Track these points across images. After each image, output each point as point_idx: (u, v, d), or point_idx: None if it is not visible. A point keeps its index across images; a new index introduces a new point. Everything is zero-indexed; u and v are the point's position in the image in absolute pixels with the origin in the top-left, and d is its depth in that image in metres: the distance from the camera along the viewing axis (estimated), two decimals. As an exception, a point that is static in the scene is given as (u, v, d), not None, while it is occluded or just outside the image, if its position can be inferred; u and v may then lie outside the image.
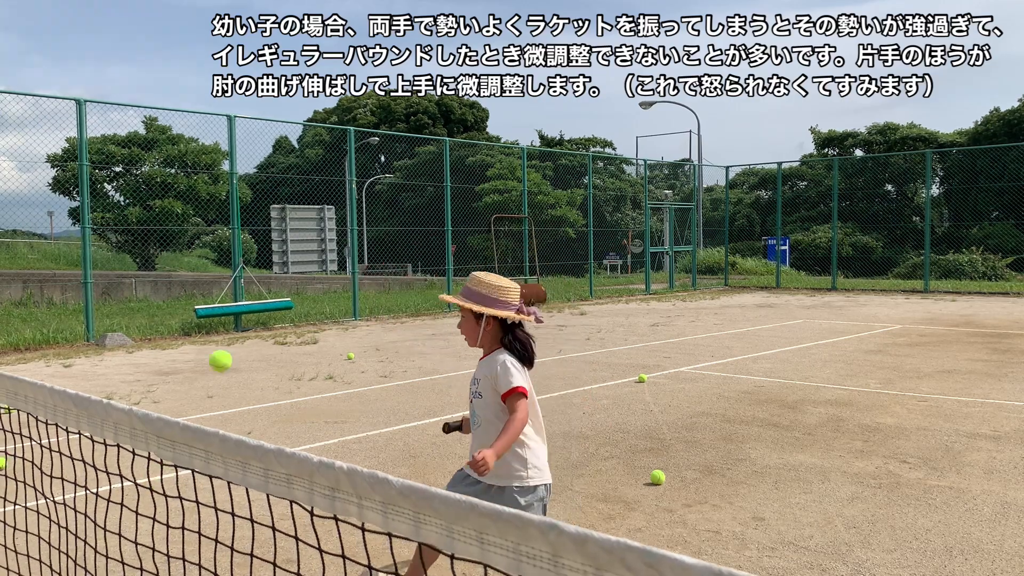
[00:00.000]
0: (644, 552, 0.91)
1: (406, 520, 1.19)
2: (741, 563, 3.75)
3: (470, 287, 3.26)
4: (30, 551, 2.66)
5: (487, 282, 3.25)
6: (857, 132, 40.01)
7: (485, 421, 3.20)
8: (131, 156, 27.14)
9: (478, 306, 3.21)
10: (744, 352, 10.61)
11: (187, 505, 4.01)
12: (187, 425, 1.55)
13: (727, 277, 27.15)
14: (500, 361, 3.19)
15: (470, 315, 3.26)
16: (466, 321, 3.28)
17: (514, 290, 3.26)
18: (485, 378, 3.20)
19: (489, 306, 3.22)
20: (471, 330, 3.27)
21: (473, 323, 3.26)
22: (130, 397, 8.07)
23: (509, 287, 3.26)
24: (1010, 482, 4.90)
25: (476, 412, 3.24)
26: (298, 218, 15.80)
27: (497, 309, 3.22)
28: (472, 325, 3.26)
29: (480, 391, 3.22)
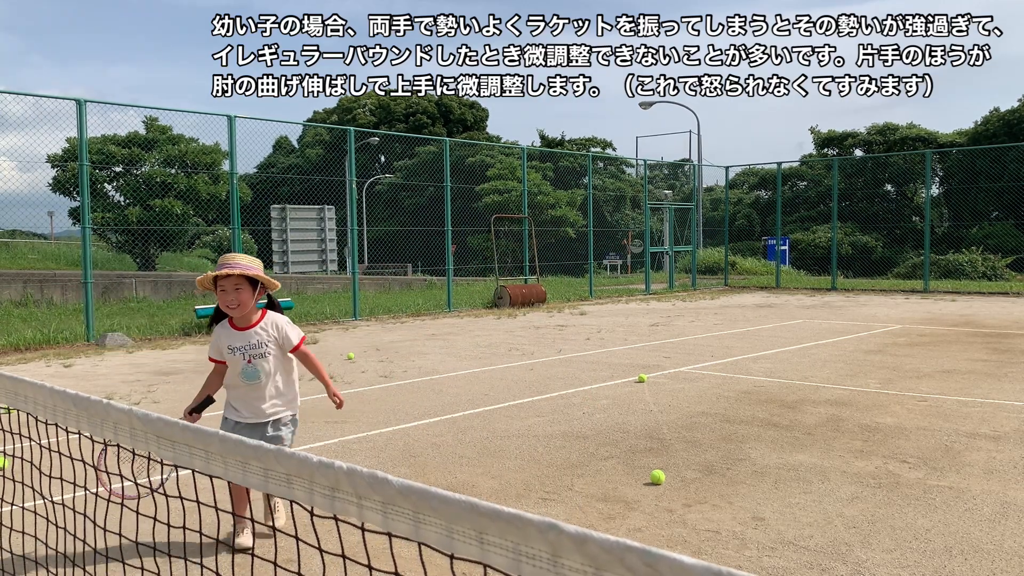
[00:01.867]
0: (643, 552, 0.91)
1: (406, 520, 1.19)
2: (741, 563, 3.75)
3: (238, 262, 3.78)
4: (27, 552, 2.66)
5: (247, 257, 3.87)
6: (857, 132, 40.02)
7: (269, 374, 3.90)
8: (131, 156, 27.14)
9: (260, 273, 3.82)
10: (744, 352, 10.61)
11: (187, 505, 4.01)
12: (187, 425, 1.56)
13: (727, 277, 27.15)
14: (283, 321, 3.98)
15: (247, 285, 3.81)
16: (244, 292, 3.80)
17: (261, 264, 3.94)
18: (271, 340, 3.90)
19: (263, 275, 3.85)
20: (248, 300, 3.82)
21: (250, 292, 3.82)
22: (130, 397, 8.07)
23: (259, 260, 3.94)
24: (1010, 482, 4.90)
25: (260, 369, 3.87)
26: (298, 218, 15.81)
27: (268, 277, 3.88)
28: (249, 294, 3.82)
29: (267, 352, 3.88)
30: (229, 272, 3.75)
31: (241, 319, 3.90)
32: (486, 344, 11.80)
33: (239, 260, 3.81)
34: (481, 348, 11.38)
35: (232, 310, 3.83)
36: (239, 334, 3.90)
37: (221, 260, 3.83)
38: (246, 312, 3.86)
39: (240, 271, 3.76)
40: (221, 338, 3.93)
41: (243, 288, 3.81)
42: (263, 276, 3.84)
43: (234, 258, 3.82)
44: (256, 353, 3.87)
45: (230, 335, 3.92)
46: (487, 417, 6.94)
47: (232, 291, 3.79)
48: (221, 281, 3.80)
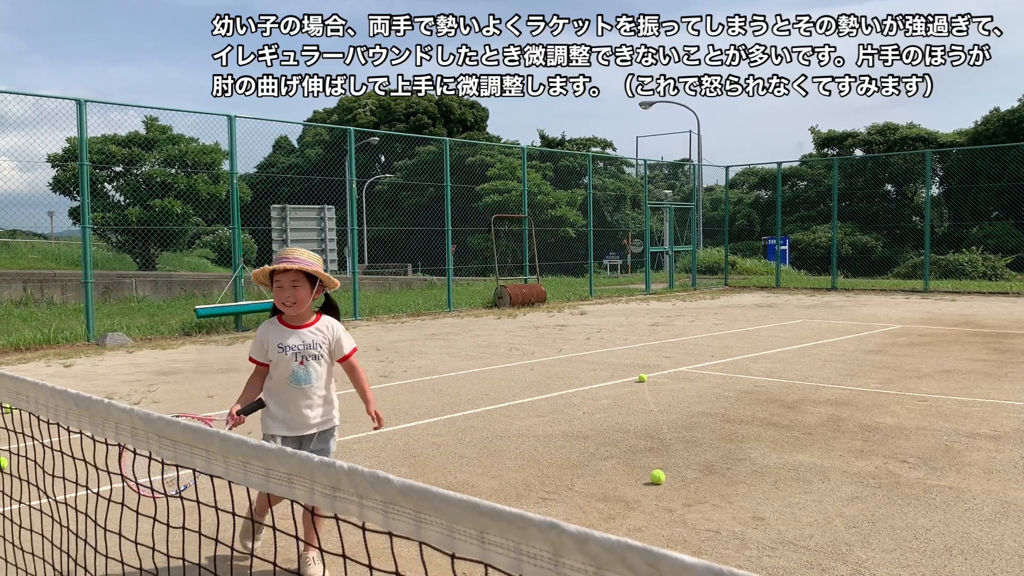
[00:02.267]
0: (645, 551, 0.92)
1: (407, 520, 1.19)
2: (741, 563, 3.75)
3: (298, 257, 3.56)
4: (34, 549, 2.67)
5: (307, 252, 3.63)
6: (857, 132, 40.02)
7: (320, 380, 3.64)
8: (131, 156, 27.15)
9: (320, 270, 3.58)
10: (744, 352, 10.61)
11: (188, 504, 4.01)
12: (188, 425, 1.56)
13: (727, 277, 27.15)
14: (340, 328, 3.74)
15: (306, 282, 3.57)
16: (302, 289, 3.56)
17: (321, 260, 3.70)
18: (326, 343, 3.65)
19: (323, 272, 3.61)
20: (306, 297, 3.58)
21: (308, 290, 3.58)
22: (130, 397, 8.07)
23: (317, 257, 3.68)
24: (1010, 482, 4.90)
25: (312, 373, 3.61)
26: (298, 218, 15.80)
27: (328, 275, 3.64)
28: (307, 292, 3.58)
29: (321, 354, 3.64)
30: (287, 267, 3.53)
31: (295, 318, 3.65)
32: (486, 344, 11.80)
33: (299, 255, 3.58)
34: (481, 348, 11.38)
35: (287, 308, 3.59)
36: (293, 332, 3.63)
37: (280, 254, 3.62)
38: (302, 311, 3.62)
39: (299, 266, 3.52)
40: (269, 336, 3.65)
41: (301, 285, 3.56)
42: (323, 274, 3.59)
43: (293, 252, 3.59)
44: (311, 354, 3.62)
45: (281, 333, 3.64)
46: (487, 417, 6.94)
47: (289, 287, 3.56)
48: (278, 276, 3.57)
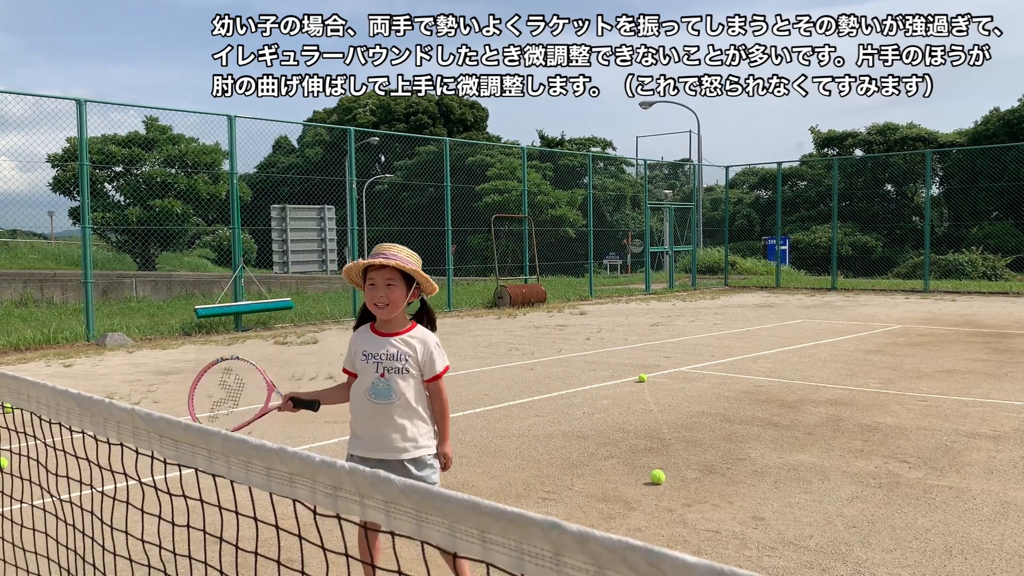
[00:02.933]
0: (646, 551, 0.92)
1: (409, 519, 1.20)
2: (741, 562, 3.75)
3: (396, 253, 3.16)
4: (37, 548, 2.68)
5: (406, 249, 3.21)
6: (857, 132, 40.03)
7: (404, 397, 3.14)
8: (131, 156, 27.15)
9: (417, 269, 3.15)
10: (744, 352, 10.62)
11: (191, 504, 4.02)
12: (190, 424, 1.56)
13: (727, 277, 27.15)
14: (434, 341, 3.23)
15: (401, 281, 3.15)
16: (397, 289, 3.14)
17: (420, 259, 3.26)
18: (413, 356, 3.15)
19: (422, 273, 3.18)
20: (400, 298, 3.16)
21: (404, 291, 3.15)
22: (130, 397, 8.08)
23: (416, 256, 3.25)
24: (1010, 482, 4.90)
25: (394, 387, 3.14)
26: (298, 218, 15.80)
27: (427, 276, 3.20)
28: (402, 293, 3.15)
29: (407, 368, 3.15)
30: (383, 263, 3.11)
31: (386, 323, 3.21)
32: (486, 344, 11.80)
33: (396, 251, 3.16)
34: (481, 348, 11.38)
35: (379, 310, 3.16)
36: (379, 339, 3.20)
37: (376, 249, 3.21)
38: (395, 315, 3.18)
39: (396, 263, 3.11)
40: (357, 343, 3.26)
41: (396, 284, 3.13)
42: (422, 274, 3.17)
43: (390, 248, 3.18)
44: (392, 366, 3.15)
45: (368, 339, 3.23)
46: (487, 417, 6.95)
47: (383, 286, 3.13)
48: (371, 273, 3.15)
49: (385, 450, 3.16)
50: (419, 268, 3.16)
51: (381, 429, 3.15)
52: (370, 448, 3.18)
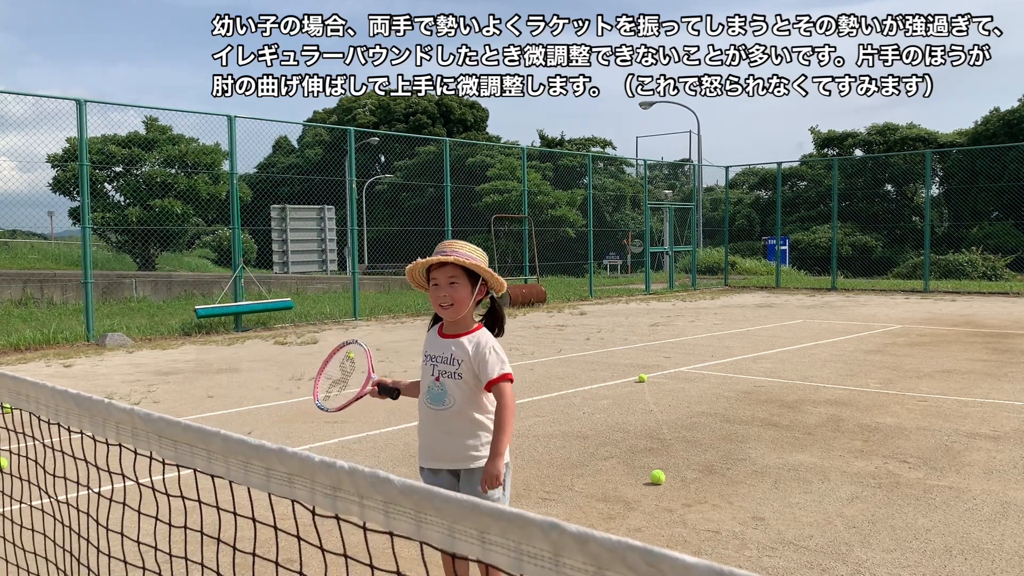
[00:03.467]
0: (646, 551, 0.92)
1: (408, 519, 1.19)
2: (741, 563, 3.75)
3: (458, 250, 2.97)
4: (35, 548, 2.67)
5: (469, 245, 3.01)
6: (857, 132, 40.03)
7: (459, 403, 2.96)
8: (131, 156, 27.16)
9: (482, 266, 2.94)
10: (744, 352, 10.62)
11: (189, 504, 4.02)
12: (189, 425, 1.56)
13: (727, 277, 27.16)
14: (489, 344, 2.99)
15: (465, 279, 2.95)
16: (461, 287, 2.94)
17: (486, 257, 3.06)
18: (466, 360, 2.95)
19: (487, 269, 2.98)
20: (465, 297, 2.95)
21: (469, 289, 2.95)
22: (130, 397, 8.07)
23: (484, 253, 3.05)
24: (1010, 482, 4.90)
25: (449, 392, 2.96)
26: (298, 218, 15.80)
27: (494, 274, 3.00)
28: (468, 291, 2.95)
29: (460, 372, 2.95)
30: (443, 259, 2.93)
31: (452, 325, 3.02)
32: (486, 344, 11.79)
33: (458, 247, 2.97)
34: (481, 348, 11.37)
35: (444, 310, 2.97)
36: (440, 341, 3.03)
37: (438, 246, 3.03)
38: (461, 315, 2.97)
39: (455, 259, 2.91)
40: (425, 344, 3.13)
41: (459, 282, 2.93)
42: (486, 270, 2.95)
43: (452, 245, 2.99)
44: (447, 370, 2.97)
45: (432, 341, 3.08)
46: (487, 417, 6.94)
47: (445, 285, 2.94)
48: (434, 273, 2.97)
49: (439, 459, 3.01)
50: (484, 264, 2.96)
51: (437, 437, 3.00)
52: (426, 457, 3.05)
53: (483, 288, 3.00)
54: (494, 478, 2.89)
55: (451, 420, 2.96)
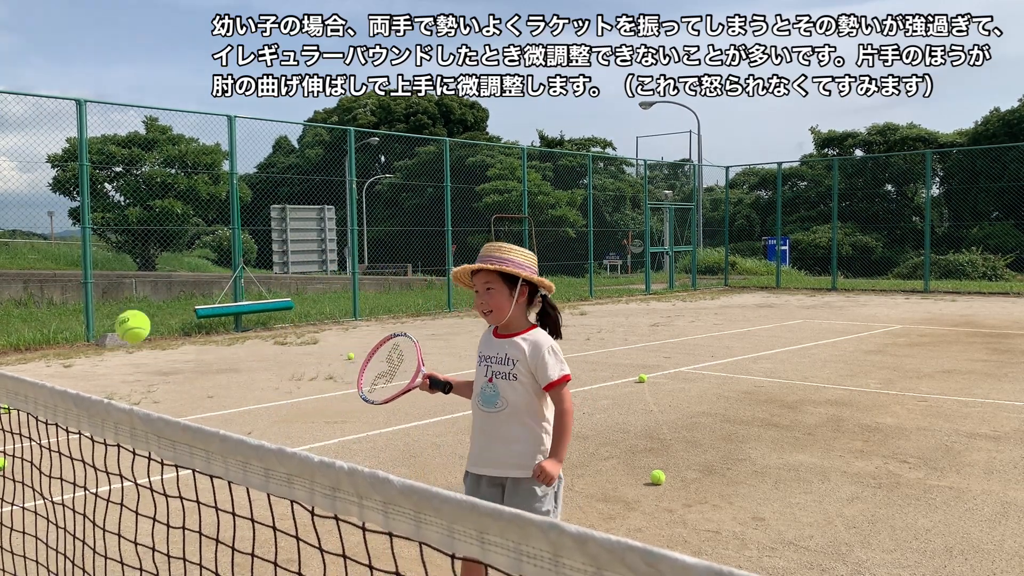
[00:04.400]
0: (645, 552, 0.91)
1: (407, 520, 1.19)
2: (741, 563, 3.75)
3: (494, 255, 2.91)
4: (26, 552, 2.67)
5: (512, 248, 2.94)
6: (857, 132, 40.02)
7: (512, 406, 2.86)
8: (131, 156, 27.16)
9: (518, 269, 2.88)
10: (744, 352, 10.61)
11: (187, 505, 4.01)
12: (188, 425, 1.56)
13: (727, 277, 27.16)
14: (547, 344, 2.91)
15: (501, 284, 2.89)
16: (497, 293, 2.88)
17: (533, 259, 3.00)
18: (522, 360, 2.86)
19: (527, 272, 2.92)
20: (503, 303, 2.89)
21: (506, 294, 2.89)
22: (130, 397, 8.07)
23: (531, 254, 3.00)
24: (1010, 482, 4.90)
25: (501, 394, 2.87)
26: (298, 218, 15.80)
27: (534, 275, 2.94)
28: (505, 297, 2.89)
29: (515, 373, 2.86)
30: (481, 266, 2.90)
31: (504, 327, 2.96)
32: (486, 344, 11.79)
33: (495, 252, 2.92)
34: (481, 348, 11.37)
35: (486, 316, 2.96)
36: (494, 341, 2.98)
37: (482, 251, 2.98)
38: (503, 320, 2.92)
39: (491, 266, 2.88)
40: (480, 345, 3.09)
41: (495, 288, 2.89)
42: (525, 274, 2.90)
43: (491, 249, 2.94)
44: (501, 371, 2.90)
45: (487, 341, 3.03)
46: (487, 417, 6.94)
47: (483, 291, 2.91)
48: (475, 279, 2.95)
49: (486, 464, 2.90)
50: (524, 267, 2.91)
51: (489, 441, 2.90)
52: (474, 461, 2.94)
53: (524, 290, 2.95)
54: (549, 476, 2.79)
55: (502, 424, 2.87)
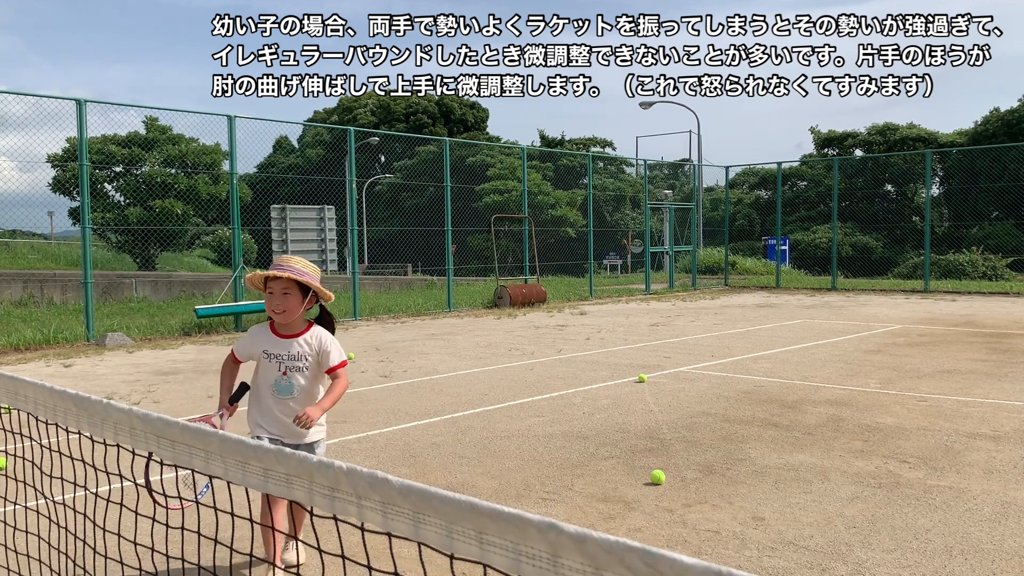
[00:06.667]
0: (643, 552, 0.91)
1: (405, 520, 1.19)
2: (741, 563, 3.75)
3: (292, 265, 3.54)
4: (30, 551, 2.67)
5: (303, 261, 3.62)
6: (857, 132, 40.02)
7: (304, 391, 3.60)
8: (131, 156, 27.16)
9: (312, 281, 3.54)
10: (744, 352, 10.61)
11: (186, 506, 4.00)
12: (187, 425, 1.55)
13: (727, 277, 27.15)
14: (328, 339, 3.67)
15: (297, 291, 3.55)
16: (292, 297, 3.54)
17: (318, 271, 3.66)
18: (310, 354, 3.61)
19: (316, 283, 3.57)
20: (295, 306, 3.56)
21: (299, 299, 3.56)
22: (130, 397, 8.07)
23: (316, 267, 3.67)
24: (1010, 482, 4.90)
25: (294, 384, 3.58)
26: (298, 218, 15.79)
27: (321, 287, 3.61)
28: (298, 301, 3.56)
29: (306, 366, 3.60)
30: (278, 274, 3.52)
31: (285, 327, 3.64)
32: (486, 344, 11.80)
33: (293, 264, 3.57)
34: (481, 348, 11.37)
35: (276, 315, 3.59)
36: (280, 341, 3.63)
37: (276, 260, 3.62)
38: (291, 320, 3.61)
39: (289, 275, 3.50)
40: (257, 340, 3.67)
41: (292, 294, 3.55)
42: (316, 285, 3.57)
43: (288, 261, 3.59)
44: (293, 365, 3.60)
45: (269, 340, 3.64)
46: (487, 417, 6.94)
47: (280, 295, 3.54)
48: (270, 283, 3.57)
49: (288, 436, 3.58)
50: (315, 279, 3.57)
51: (280, 418, 3.59)
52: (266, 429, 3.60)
53: (313, 298, 3.62)
54: (308, 418, 3.46)
55: (296, 405, 3.58)
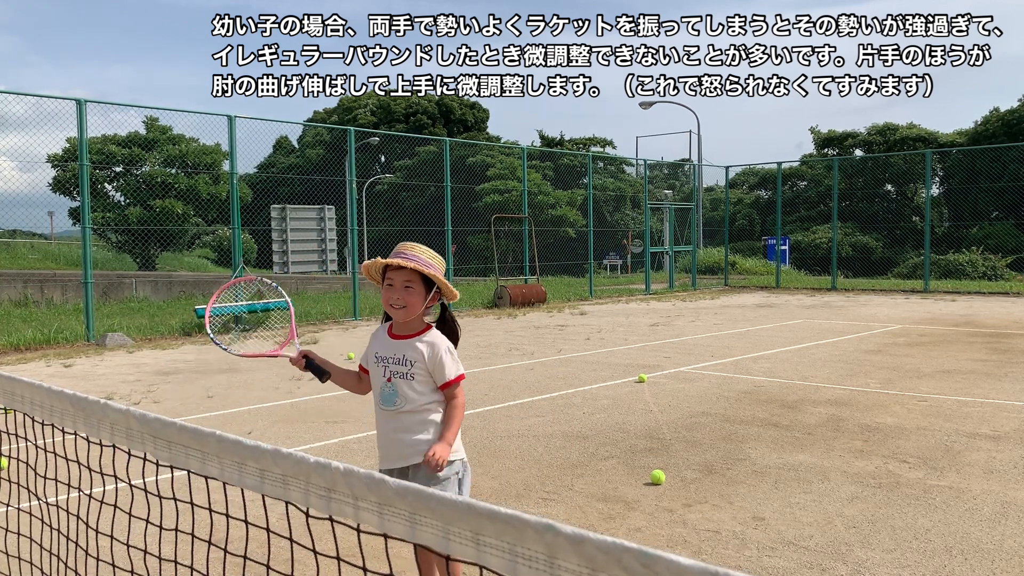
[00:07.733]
0: (640, 553, 0.91)
1: (402, 521, 1.18)
2: (741, 563, 3.74)
3: (418, 255, 3.03)
4: (21, 553, 2.66)
5: (429, 251, 3.08)
6: (857, 132, 40.02)
7: (410, 404, 3.03)
8: (131, 156, 27.17)
9: (437, 274, 3.03)
10: (744, 352, 10.60)
11: (181, 507, 4.00)
12: (184, 425, 1.55)
13: (727, 277, 27.14)
14: (444, 347, 3.11)
15: (420, 285, 3.03)
16: (412, 291, 3.02)
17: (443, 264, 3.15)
18: (420, 361, 3.04)
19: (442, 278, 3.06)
20: (417, 301, 3.03)
21: (422, 294, 3.04)
22: (130, 397, 8.06)
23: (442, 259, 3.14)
24: (1010, 482, 4.89)
25: (399, 392, 3.04)
26: (298, 218, 15.79)
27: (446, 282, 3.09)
28: (420, 297, 3.04)
29: (413, 373, 3.04)
30: (402, 263, 2.99)
31: (402, 326, 3.11)
32: (486, 344, 11.79)
33: (419, 252, 3.04)
34: (481, 348, 11.37)
35: (395, 311, 3.05)
36: (391, 342, 3.11)
37: (397, 248, 3.09)
38: (411, 318, 3.08)
39: (415, 265, 2.98)
40: (372, 343, 3.18)
41: (414, 287, 3.02)
42: (442, 280, 3.05)
43: (413, 249, 3.05)
44: (399, 371, 3.05)
45: (382, 341, 3.14)
46: (487, 417, 6.93)
47: (400, 287, 3.02)
48: (390, 273, 3.03)
49: (394, 459, 3.05)
50: (441, 272, 3.05)
51: (389, 435, 3.06)
52: (383, 458, 3.09)
53: (436, 295, 3.10)
54: (437, 459, 2.93)
55: (402, 420, 3.04)
